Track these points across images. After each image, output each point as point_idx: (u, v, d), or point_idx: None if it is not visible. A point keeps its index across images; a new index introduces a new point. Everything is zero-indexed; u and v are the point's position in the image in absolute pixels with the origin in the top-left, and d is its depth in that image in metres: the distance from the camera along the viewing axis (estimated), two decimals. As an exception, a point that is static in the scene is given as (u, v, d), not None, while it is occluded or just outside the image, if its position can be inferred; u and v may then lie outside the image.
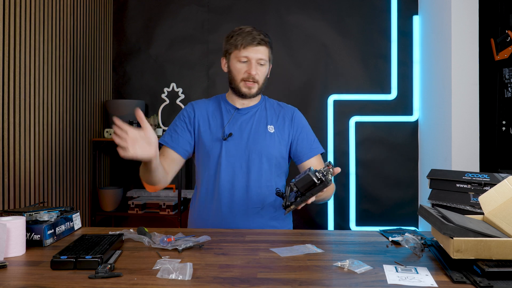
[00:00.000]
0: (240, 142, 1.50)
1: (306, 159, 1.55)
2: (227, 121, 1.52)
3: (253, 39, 1.44)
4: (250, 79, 1.47)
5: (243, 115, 1.54)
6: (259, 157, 1.49)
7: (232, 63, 1.49)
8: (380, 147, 3.00)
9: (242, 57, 1.46)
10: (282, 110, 1.59)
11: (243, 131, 1.51)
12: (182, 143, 1.52)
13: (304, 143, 1.56)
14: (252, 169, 1.49)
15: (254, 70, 1.45)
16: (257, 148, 1.50)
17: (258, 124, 1.53)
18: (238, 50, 1.46)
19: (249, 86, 1.48)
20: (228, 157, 1.49)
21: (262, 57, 1.47)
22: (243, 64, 1.47)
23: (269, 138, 1.52)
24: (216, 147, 1.50)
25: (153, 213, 2.81)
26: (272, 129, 1.54)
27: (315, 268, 1.00)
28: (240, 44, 1.45)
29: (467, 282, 0.88)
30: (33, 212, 1.23)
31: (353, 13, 3.01)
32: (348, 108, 3.00)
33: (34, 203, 2.13)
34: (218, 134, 1.51)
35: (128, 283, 0.89)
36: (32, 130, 2.13)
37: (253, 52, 1.45)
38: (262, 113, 1.56)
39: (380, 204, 2.99)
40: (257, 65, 1.47)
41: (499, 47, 2.44)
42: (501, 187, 1.03)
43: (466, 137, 2.39)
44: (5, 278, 0.92)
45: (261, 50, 1.46)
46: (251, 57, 1.45)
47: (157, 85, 3.09)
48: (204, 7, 3.08)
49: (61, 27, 2.41)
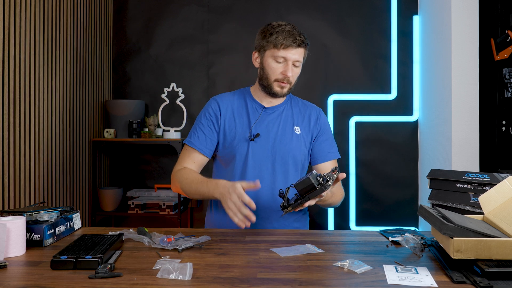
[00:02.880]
0: (267, 143, 1.47)
1: (321, 162, 1.54)
2: (255, 121, 1.48)
3: (295, 41, 1.39)
4: (285, 80, 1.43)
5: (270, 114, 1.51)
6: (285, 159, 1.47)
7: (267, 61, 1.43)
8: (380, 147, 3.00)
9: (280, 57, 1.40)
10: (308, 109, 1.57)
11: (270, 131, 1.48)
12: (210, 145, 1.49)
13: (323, 145, 1.54)
14: (278, 171, 1.47)
15: (290, 72, 1.41)
16: (284, 149, 1.47)
17: (285, 125, 1.50)
18: (277, 49, 1.40)
19: (282, 86, 1.44)
20: (255, 158, 1.46)
21: (299, 59, 1.43)
22: (279, 64, 1.42)
23: (296, 140, 1.49)
24: (242, 147, 1.46)
25: (153, 213, 2.81)
26: (298, 130, 1.51)
27: (315, 268, 1.00)
28: (280, 43, 1.39)
29: (467, 282, 0.88)
30: (33, 212, 1.23)
31: (353, 13, 3.01)
32: (348, 108, 3.00)
33: (34, 203, 2.13)
34: (244, 133, 1.47)
35: (128, 283, 0.89)
36: (32, 130, 2.13)
37: (291, 54, 1.40)
38: (288, 112, 1.53)
39: (380, 204, 2.99)
40: (293, 66, 1.43)
41: (499, 47, 2.44)
42: (501, 187, 1.03)
43: (466, 137, 2.39)
44: (5, 278, 0.92)
45: (299, 52, 1.42)
46: (289, 58, 1.40)
47: (157, 85, 3.09)
48: (204, 7, 3.08)
49: (61, 27, 2.41)
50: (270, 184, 1.46)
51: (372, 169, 3.00)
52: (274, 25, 1.43)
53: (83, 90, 2.70)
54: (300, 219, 1.55)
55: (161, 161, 3.11)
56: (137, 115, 2.91)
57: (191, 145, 1.48)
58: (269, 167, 1.46)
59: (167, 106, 2.99)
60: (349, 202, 2.98)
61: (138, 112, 2.92)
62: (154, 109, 3.09)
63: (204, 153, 1.48)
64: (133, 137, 2.86)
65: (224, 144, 1.49)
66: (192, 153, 1.48)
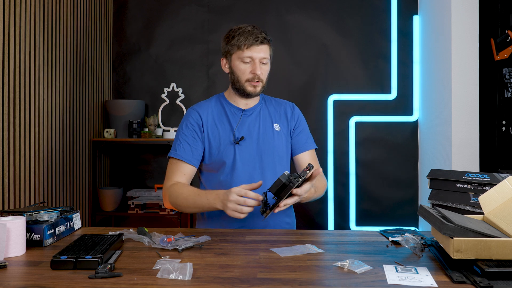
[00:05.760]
0: (251, 143, 1.50)
1: (299, 153, 1.57)
2: (236, 124, 1.51)
3: (256, 39, 1.42)
4: (256, 79, 1.45)
5: (249, 116, 1.54)
6: (272, 157, 1.50)
7: (235, 64, 1.47)
8: (380, 147, 3.00)
9: (245, 57, 1.43)
10: (282, 106, 1.61)
11: (252, 132, 1.51)
12: (196, 154, 1.49)
13: (300, 137, 1.58)
14: (267, 169, 1.49)
15: (259, 70, 1.44)
16: (268, 148, 1.50)
17: (264, 124, 1.54)
18: (242, 51, 1.43)
19: (254, 85, 1.47)
20: (243, 160, 1.48)
21: (265, 56, 1.45)
22: (247, 65, 1.45)
23: (277, 137, 1.53)
24: (229, 151, 1.48)
25: (153, 213, 2.81)
26: (278, 127, 1.55)
27: (315, 268, 1.00)
28: (243, 44, 1.42)
29: (467, 282, 0.88)
30: (33, 212, 1.23)
31: (353, 13, 3.01)
32: (348, 108, 3.00)
33: (34, 203, 2.13)
34: (229, 138, 1.49)
35: (128, 283, 0.89)
36: (32, 130, 2.13)
37: (256, 52, 1.43)
38: (265, 111, 1.57)
39: (380, 204, 2.99)
40: (261, 64, 1.46)
41: (499, 47, 2.44)
42: (501, 187, 1.03)
43: (466, 137, 2.39)
44: (5, 278, 0.92)
45: (264, 49, 1.45)
46: (255, 57, 1.44)
47: (157, 85, 3.09)
48: (204, 7, 3.08)
49: (61, 27, 2.41)
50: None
51: (372, 169, 3.00)
52: (235, 28, 1.47)
53: (83, 90, 2.70)
54: (290, 214, 1.58)
55: (161, 161, 3.10)
56: (137, 115, 2.91)
57: (178, 157, 1.47)
58: (257, 167, 1.49)
59: (167, 106, 2.99)
60: (349, 202, 2.98)
61: (138, 112, 2.92)
62: (154, 109, 3.09)
63: (192, 164, 1.48)
64: (133, 137, 2.86)
65: (210, 152, 1.50)
66: (180, 166, 1.47)
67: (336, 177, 2.99)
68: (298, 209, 2.92)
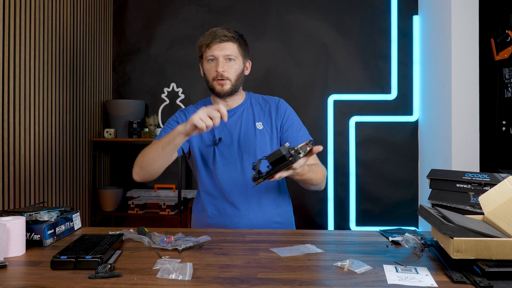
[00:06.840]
0: (232, 144, 1.51)
1: None
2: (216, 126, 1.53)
3: (215, 37, 1.45)
4: (219, 76, 1.46)
5: (231, 117, 1.53)
6: (254, 157, 1.50)
7: (203, 65, 1.51)
8: (380, 147, 3.00)
9: (208, 56, 1.46)
10: (267, 104, 1.59)
11: (233, 133, 1.52)
12: None
13: (289, 131, 1.55)
14: (248, 169, 1.50)
15: (221, 67, 1.45)
16: (250, 147, 1.50)
17: (246, 124, 1.53)
18: (205, 51, 1.47)
19: (221, 84, 1.47)
20: (223, 160, 1.50)
21: (229, 53, 1.46)
22: (212, 64, 1.47)
23: (259, 135, 1.52)
24: (209, 152, 1.51)
25: (153, 213, 2.81)
26: (261, 126, 1.54)
27: (315, 268, 1.00)
28: (204, 44, 1.47)
29: (467, 282, 0.88)
30: (33, 212, 1.23)
31: (353, 13, 3.01)
32: (348, 108, 3.00)
33: (34, 203, 2.13)
34: (209, 140, 1.52)
35: (128, 283, 0.89)
36: (32, 130, 2.13)
37: (218, 50, 1.45)
38: (249, 111, 1.56)
39: (380, 204, 2.99)
40: (225, 61, 1.46)
41: (499, 47, 2.44)
42: (501, 187, 1.03)
43: (466, 137, 2.39)
44: (5, 278, 0.92)
45: (227, 46, 1.46)
46: (217, 55, 1.45)
47: (157, 85, 3.09)
48: (204, 7, 3.08)
49: (61, 27, 2.41)
50: (242, 181, 1.49)
51: (372, 169, 3.00)
52: (204, 34, 1.51)
53: (83, 90, 2.70)
54: (281, 213, 1.55)
55: (161, 161, 3.10)
56: (137, 115, 2.91)
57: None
58: (239, 167, 1.50)
59: (167, 106, 2.99)
60: (349, 202, 2.98)
61: (138, 112, 2.92)
62: (154, 109, 3.09)
63: None
64: (133, 137, 2.86)
65: (193, 152, 1.54)
66: None
67: (336, 177, 2.99)
68: (298, 209, 2.93)
